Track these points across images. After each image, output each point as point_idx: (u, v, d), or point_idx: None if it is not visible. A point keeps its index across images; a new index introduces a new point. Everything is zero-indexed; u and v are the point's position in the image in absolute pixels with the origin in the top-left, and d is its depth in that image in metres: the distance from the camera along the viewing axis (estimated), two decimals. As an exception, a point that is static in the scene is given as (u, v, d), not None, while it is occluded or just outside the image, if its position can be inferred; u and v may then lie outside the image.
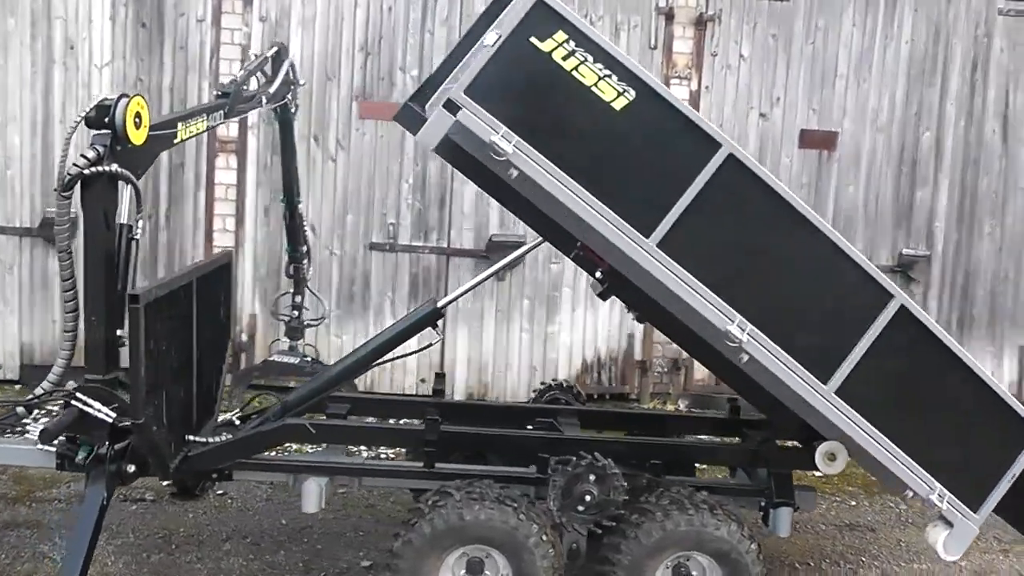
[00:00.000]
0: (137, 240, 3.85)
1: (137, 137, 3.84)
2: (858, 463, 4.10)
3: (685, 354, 8.09)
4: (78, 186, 3.63)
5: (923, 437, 3.69)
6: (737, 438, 4.78)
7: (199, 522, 4.91)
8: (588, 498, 3.81)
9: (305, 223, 5.92)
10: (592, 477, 3.83)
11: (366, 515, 5.14)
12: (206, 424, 4.33)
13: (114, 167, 3.74)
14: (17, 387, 7.07)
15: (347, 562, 4.57)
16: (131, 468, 3.91)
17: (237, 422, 4.31)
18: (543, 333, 7.91)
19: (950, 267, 8.11)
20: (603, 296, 4.20)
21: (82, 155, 3.61)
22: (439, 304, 4.18)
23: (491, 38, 3.28)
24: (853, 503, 5.66)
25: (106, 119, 3.70)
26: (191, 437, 4.05)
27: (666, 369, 8.19)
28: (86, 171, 3.70)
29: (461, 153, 3.56)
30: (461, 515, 3.65)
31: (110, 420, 3.74)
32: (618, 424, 4.89)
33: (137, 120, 3.82)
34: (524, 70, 3.33)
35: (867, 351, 3.58)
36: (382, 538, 4.86)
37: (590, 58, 3.32)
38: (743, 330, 3.44)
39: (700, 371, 8.20)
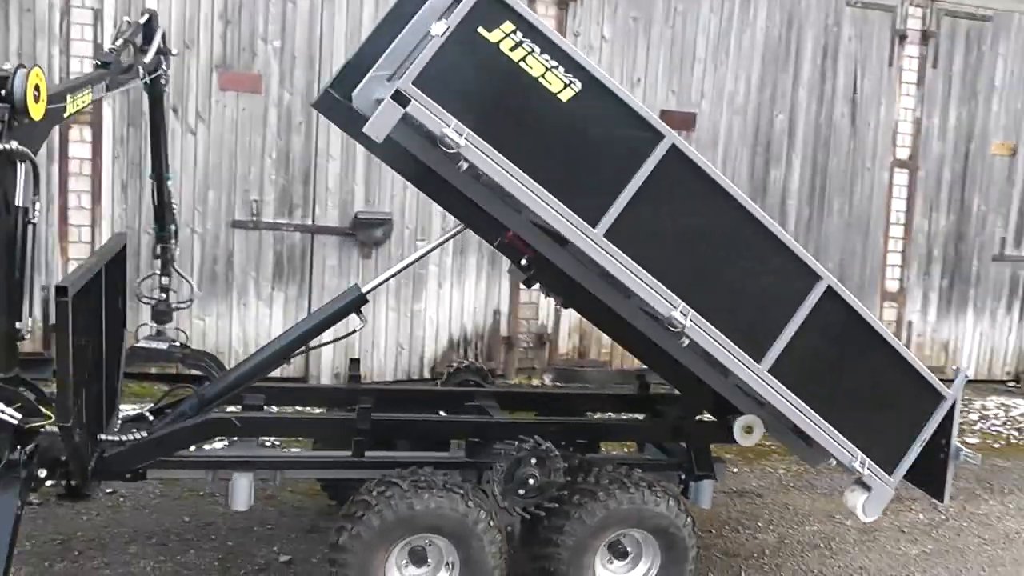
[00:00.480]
0: (35, 224, 3.53)
1: (37, 111, 3.54)
2: (771, 435, 4.32)
3: (550, 329, 8.29)
4: None
5: (845, 408, 3.95)
6: (643, 414, 4.91)
7: (96, 524, 4.59)
8: (531, 481, 3.84)
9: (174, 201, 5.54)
10: (533, 460, 3.84)
11: (268, 507, 4.96)
12: (111, 420, 4.01)
13: (13, 144, 3.41)
14: None
15: (264, 558, 4.42)
16: (42, 473, 3.66)
17: (150, 417, 4.00)
18: (409, 311, 7.86)
19: (802, 242, 8.59)
20: (528, 283, 4.23)
21: None
22: (364, 290, 4.02)
23: (439, 27, 3.20)
24: (735, 470, 5.96)
25: (1, 91, 3.34)
26: (103, 436, 3.74)
27: (531, 344, 8.33)
28: None
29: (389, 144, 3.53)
30: (411, 504, 3.60)
31: (15, 422, 3.48)
32: (528, 405, 4.91)
33: (36, 93, 3.48)
34: (472, 61, 3.29)
35: (797, 330, 3.74)
36: (291, 530, 4.73)
37: (537, 49, 3.30)
38: (686, 316, 3.54)
39: (564, 346, 8.41)
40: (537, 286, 4.32)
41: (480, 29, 3.24)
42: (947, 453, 4.15)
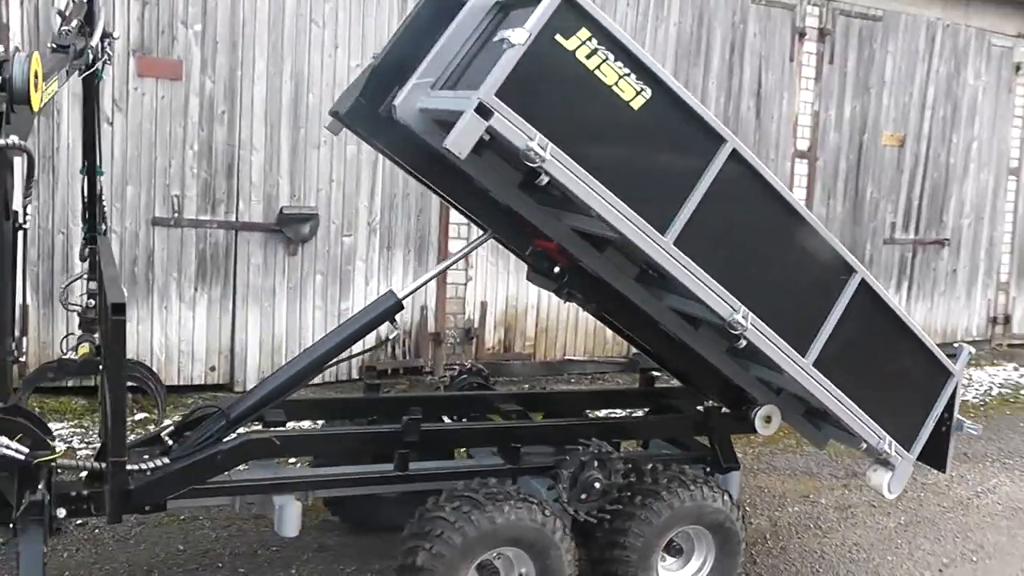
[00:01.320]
0: (26, 230, 3.22)
1: (36, 101, 3.22)
2: (788, 423, 4.42)
3: (476, 323, 8.17)
4: None
5: (872, 392, 4.08)
6: (647, 408, 4.94)
7: (83, 562, 4.23)
8: (597, 485, 3.77)
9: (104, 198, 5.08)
10: (596, 464, 3.77)
11: (262, 527, 4.63)
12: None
13: (13, 139, 3.07)
14: None
15: (286, 582, 4.09)
16: (61, 513, 3.40)
17: (169, 441, 3.63)
18: (337, 310, 7.56)
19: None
20: (559, 291, 4.12)
21: None
22: (400, 296, 3.81)
23: (519, 36, 3.07)
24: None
25: None
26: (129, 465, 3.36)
27: (459, 340, 8.22)
28: None
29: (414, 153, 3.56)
30: (492, 518, 3.47)
31: (22, 458, 3.18)
32: (535, 405, 4.80)
33: (35, 81, 3.16)
34: (548, 70, 3.18)
35: (836, 323, 3.84)
36: (299, 551, 4.44)
37: (611, 56, 3.25)
38: (747, 318, 3.58)
39: (490, 340, 8.36)
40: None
41: (558, 36, 3.16)
42: (949, 426, 4.36)
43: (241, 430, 3.73)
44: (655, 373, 5.07)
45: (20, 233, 3.28)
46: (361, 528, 4.60)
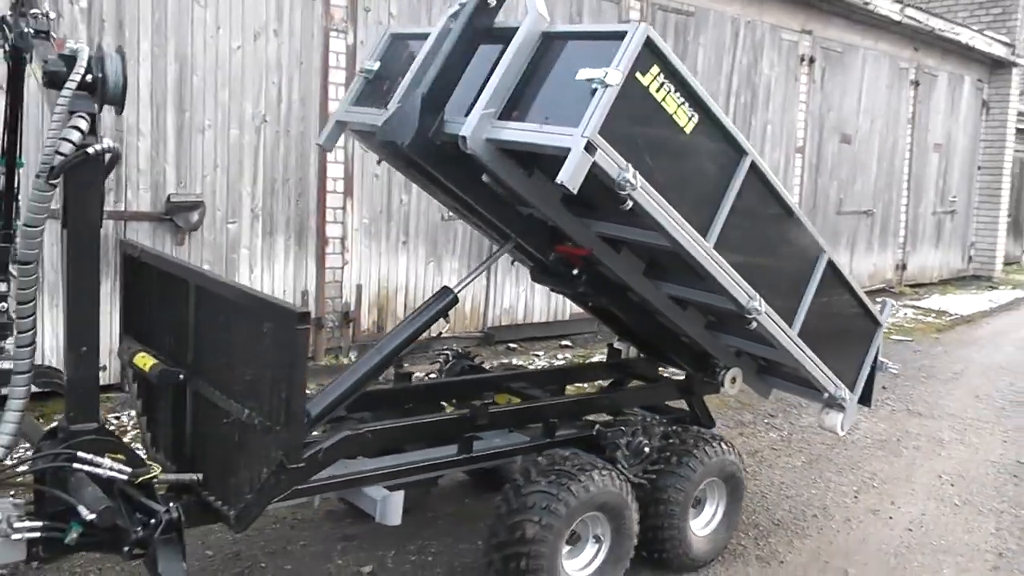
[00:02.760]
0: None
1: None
2: (747, 383, 5.09)
3: (353, 307, 8.26)
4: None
5: (833, 350, 4.82)
6: (612, 379, 5.45)
7: None
8: (646, 450, 4.23)
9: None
10: (642, 431, 4.24)
11: (273, 524, 4.68)
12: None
13: (108, 142, 3.09)
14: None
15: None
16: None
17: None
18: (222, 298, 7.35)
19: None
20: (575, 292, 4.58)
21: (74, 127, 3.08)
22: (455, 291, 4.05)
23: (614, 77, 3.41)
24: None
25: (85, 77, 3.07)
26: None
27: (337, 324, 8.29)
28: (90, 150, 3.10)
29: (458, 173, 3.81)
30: (587, 487, 3.82)
31: (124, 477, 3.23)
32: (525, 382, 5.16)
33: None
34: (630, 104, 3.55)
35: (812, 297, 4.54)
36: (327, 543, 4.60)
37: (672, 88, 3.73)
38: (761, 304, 4.17)
39: (365, 322, 8.48)
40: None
41: (638, 74, 3.58)
42: (874, 367, 5.18)
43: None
44: (617, 347, 5.54)
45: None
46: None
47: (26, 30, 3.89)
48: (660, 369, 5.52)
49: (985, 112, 17.61)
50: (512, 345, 9.49)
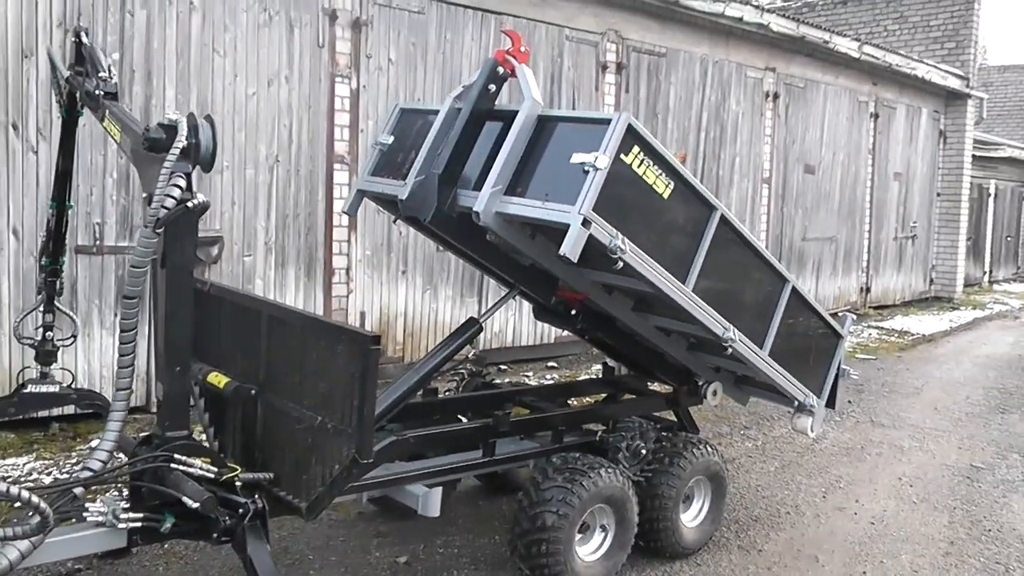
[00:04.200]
0: None
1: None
2: (727, 393, 5.80)
3: (356, 332, 8.91)
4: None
5: (799, 363, 5.55)
6: (606, 393, 6.16)
7: None
8: (643, 451, 4.94)
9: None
10: (640, 435, 4.95)
11: (299, 527, 5.28)
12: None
13: (201, 197, 3.77)
14: None
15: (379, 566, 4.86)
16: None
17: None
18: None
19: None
20: (576, 328, 5.38)
21: (175, 186, 3.69)
22: (480, 320, 4.77)
23: (603, 161, 4.08)
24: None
25: (181, 144, 3.72)
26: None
27: (341, 348, 8.86)
28: (189, 204, 3.70)
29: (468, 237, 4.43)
30: (595, 483, 4.52)
31: (212, 476, 3.82)
32: (536, 395, 5.87)
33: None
34: (617, 180, 4.21)
35: (780, 319, 5.25)
36: (362, 539, 5.22)
37: (651, 162, 4.41)
38: (735, 334, 4.87)
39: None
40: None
41: (622, 155, 4.26)
42: (838, 375, 5.91)
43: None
44: (611, 365, 6.26)
45: None
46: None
47: (97, 92, 4.56)
48: (649, 384, 6.26)
49: (943, 142, 18.71)
50: (503, 366, 10.19)
